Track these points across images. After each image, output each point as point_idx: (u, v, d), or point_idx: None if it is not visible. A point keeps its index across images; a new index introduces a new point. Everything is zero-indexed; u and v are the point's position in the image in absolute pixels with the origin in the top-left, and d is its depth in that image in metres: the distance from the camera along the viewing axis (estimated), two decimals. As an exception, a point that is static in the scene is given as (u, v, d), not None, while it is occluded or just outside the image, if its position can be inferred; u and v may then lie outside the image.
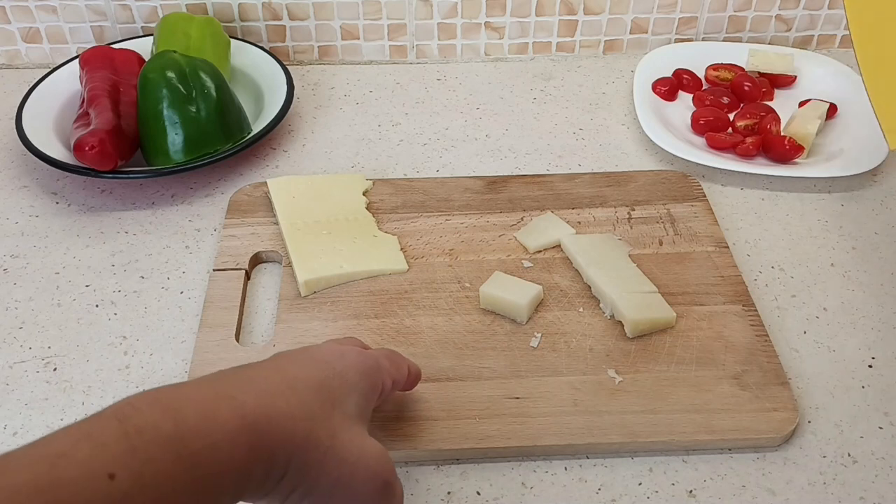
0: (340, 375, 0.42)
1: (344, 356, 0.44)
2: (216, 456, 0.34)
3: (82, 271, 0.67)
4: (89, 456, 0.30)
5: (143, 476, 0.31)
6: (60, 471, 0.29)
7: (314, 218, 0.68)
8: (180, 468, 0.32)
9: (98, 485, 0.29)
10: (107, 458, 0.30)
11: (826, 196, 0.74)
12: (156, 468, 0.31)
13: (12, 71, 0.92)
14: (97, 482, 0.29)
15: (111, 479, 0.30)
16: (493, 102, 0.87)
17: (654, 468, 0.53)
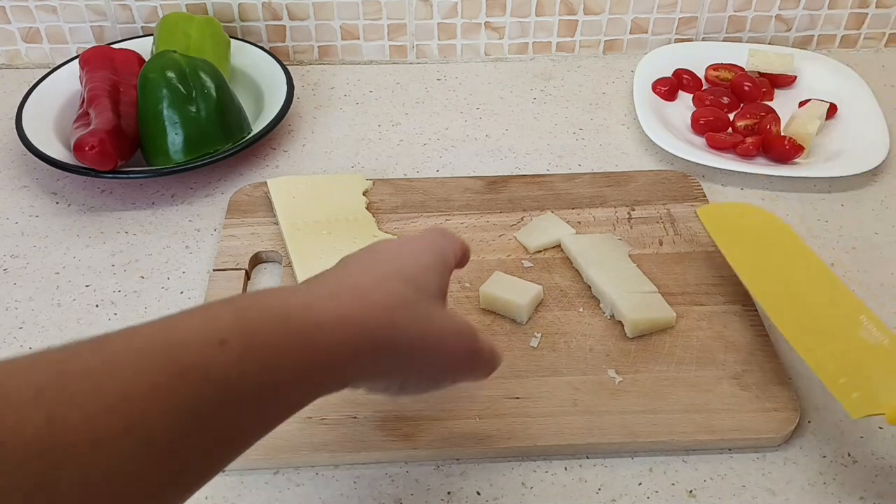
0: (413, 259, 0.44)
1: (410, 242, 0.46)
2: (320, 338, 0.36)
3: (82, 271, 0.67)
4: (202, 324, 0.33)
5: (253, 345, 0.33)
6: (178, 335, 0.32)
7: (314, 218, 0.68)
8: (289, 341, 0.35)
9: (211, 349, 0.32)
10: (218, 326, 0.33)
11: (826, 196, 0.74)
12: (264, 339, 0.34)
13: (12, 71, 0.92)
14: (211, 347, 0.32)
15: (223, 344, 0.32)
16: (493, 102, 0.87)
17: (654, 468, 0.53)
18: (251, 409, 0.33)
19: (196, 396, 0.31)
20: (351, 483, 0.52)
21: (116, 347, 0.31)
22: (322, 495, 0.52)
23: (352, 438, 0.53)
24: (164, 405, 0.30)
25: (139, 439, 0.29)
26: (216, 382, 0.32)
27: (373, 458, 0.53)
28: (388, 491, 0.52)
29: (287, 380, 0.35)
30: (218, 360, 0.32)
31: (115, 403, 0.29)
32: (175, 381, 0.30)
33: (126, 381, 0.29)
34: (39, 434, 0.27)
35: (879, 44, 0.95)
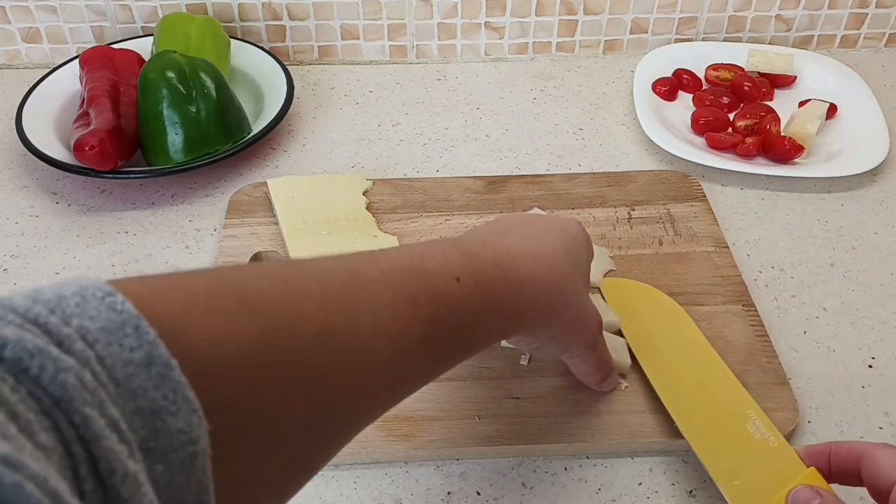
0: (576, 241, 0.49)
1: (570, 223, 0.51)
2: (522, 289, 0.42)
3: (82, 271, 0.67)
4: (443, 259, 0.39)
5: (479, 285, 0.39)
6: (427, 264, 0.38)
7: (314, 218, 0.68)
8: (501, 288, 0.41)
9: (451, 282, 0.38)
10: (454, 265, 0.39)
11: (826, 196, 0.74)
12: (486, 283, 0.40)
13: (12, 71, 0.92)
14: (450, 280, 0.38)
15: (458, 281, 0.38)
16: (493, 102, 0.87)
17: (655, 468, 0.53)
18: (466, 336, 0.40)
19: (439, 315, 0.37)
20: (351, 483, 0.52)
21: (386, 262, 0.37)
22: (322, 495, 0.52)
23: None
24: (421, 317, 0.36)
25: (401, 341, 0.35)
26: (452, 308, 0.38)
27: (373, 458, 0.53)
28: (388, 491, 0.52)
29: (495, 320, 0.41)
30: (454, 292, 0.38)
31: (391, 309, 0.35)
32: (427, 300, 0.36)
33: (397, 293, 0.35)
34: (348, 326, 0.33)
35: (879, 44, 0.95)
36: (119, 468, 0.23)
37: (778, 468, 0.48)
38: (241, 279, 0.32)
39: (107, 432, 0.23)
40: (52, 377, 0.23)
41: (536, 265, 0.44)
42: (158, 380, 0.25)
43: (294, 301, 0.32)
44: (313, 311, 0.32)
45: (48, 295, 0.26)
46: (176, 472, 0.25)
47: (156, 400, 0.25)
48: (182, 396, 0.26)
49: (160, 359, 0.26)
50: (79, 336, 0.25)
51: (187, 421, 0.26)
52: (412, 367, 0.37)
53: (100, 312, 0.26)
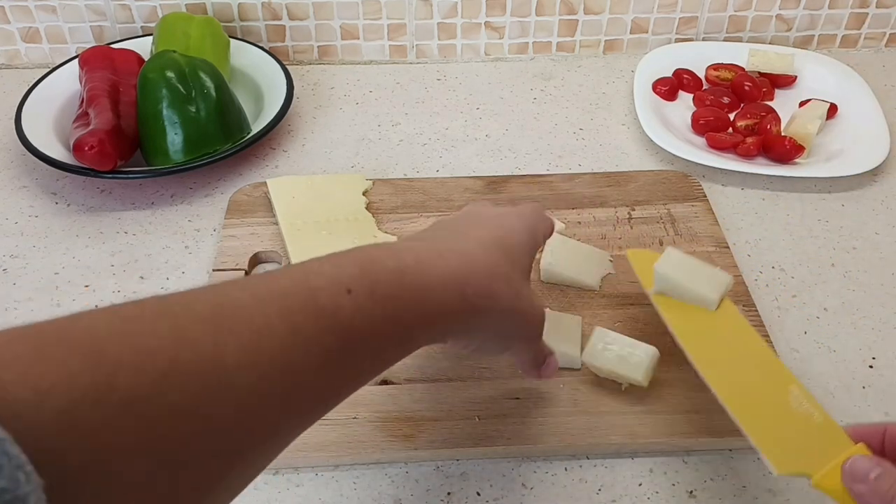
0: (511, 232, 0.47)
1: (505, 214, 0.49)
2: (430, 295, 0.40)
3: (82, 271, 0.67)
4: (332, 273, 0.37)
5: (375, 294, 0.37)
6: (312, 281, 0.36)
7: (314, 218, 0.68)
8: (404, 294, 0.38)
9: (341, 296, 0.36)
10: (345, 276, 0.37)
11: (826, 196, 0.74)
12: (384, 290, 0.37)
13: (12, 71, 0.92)
14: (340, 294, 0.36)
15: (349, 293, 0.36)
16: (493, 102, 0.87)
17: (655, 468, 0.53)
18: (366, 350, 0.37)
19: (326, 334, 0.35)
20: (351, 483, 0.52)
21: (261, 286, 0.35)
22: (322, 496, 0.52)
23: (352, 439, 0.53)
24: (302, 339, 0.34)
25: (279, 367, 0.33)
26: (342, 324, 0.35)
27: (373, 458, 0.53)
28: (388, 491, 0.52)
29: (398, 330, 0.38)
30: (345, 306, 0.36)
31: (263, 334, 0.32)
32: (311, 320, 0.34)
33: (271, 317, 0.33)
34: (206, 355, 0.30)
35: (880, 44, 0.95)
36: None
37: (822, 441, 0.47)
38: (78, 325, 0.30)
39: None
40: None
41: (450, 268, 0.41)
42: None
43: (136, 339, 0.30)
44: (160, 347, 0.30)
45: None
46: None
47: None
48: (3, 452, 0.24)
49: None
50: None
51: (11, 478, 0.24)
52: (298, 391, 0.34)
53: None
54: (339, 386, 0.37)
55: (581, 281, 0.63)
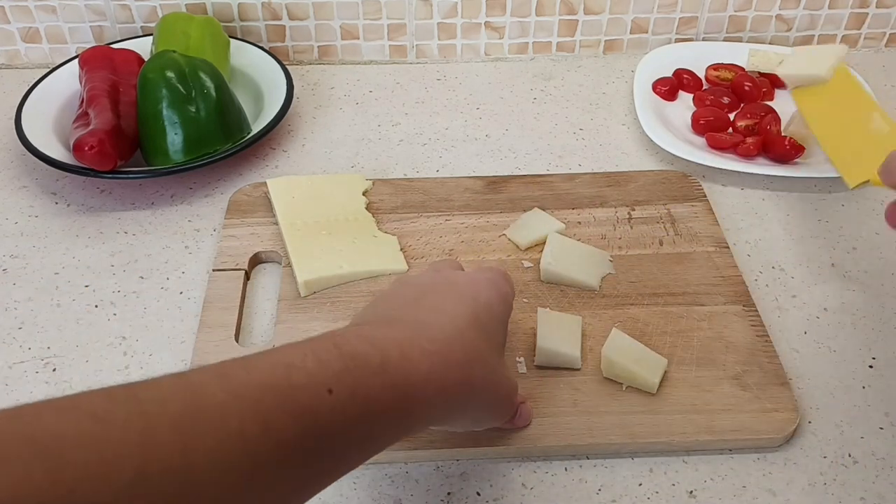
0: (488, 307, 0.47)
1: (479, 284, 0.48)
2: (412, 391, 0.39)
3: (81, 271, 0.67)
4: (314, 370, 0.35)
5: (356, 395, 0.36)
6: (293, 378, 0.35)
7: (314, 218, 0.68)
8: (385, 395, 0.38)
9: (321, 395, 0.35)
10: (328, 374, 0.36)
11: (827, 196, 0.74)
12: (366, 391, 0.37)
13: (12, 71, 0.92)
14: (320, 393, 0.35)
15: (330, 393, 0.35)
16: (493, 102, 0.87)
17: (655, 469, 0.53)
18: (346, 448, 0.37)
19: (304, 434, 0.34)
20: (351, 483, 0.52)
21: (240, 381, 0.34)
22: (322, 496, 0.51)
23: (351, 439, 0.53)
24: (275, 439, 0.33)
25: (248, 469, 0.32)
26: (319, 424, 0.35)
27: (372, 458, 0.53)
28: (387, 491, 0.52)
29: (378, 427, 0.38)
30: (326, 406, 0.35)
31: (235, 437, 0.31)
32: (288, 419, 0.33)
33: (246, 419, 0.32)
34: (175, 464, 0.29)
35: (880, 44, 0.95)
36: None
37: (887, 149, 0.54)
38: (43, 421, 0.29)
39: None
40: None
41: (432, 366, 0.41)
42: None
43: (103, 446, 0.28)
44: (129, 453, 0.28)
45: None
46: None
47: None
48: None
49: None
50: None
51: None
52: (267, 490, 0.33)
53: None
54: (307, 483, 0.36)
55: (581, 281, 0.63)
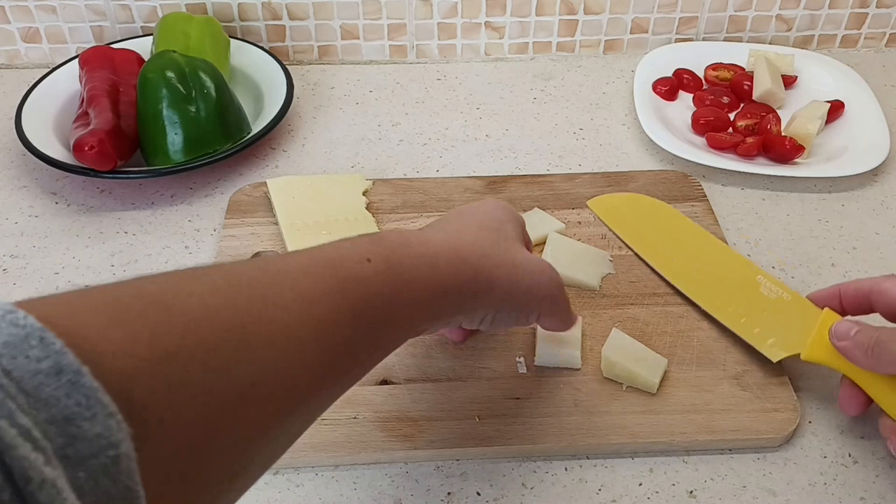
0: (492, 216, 0.50)
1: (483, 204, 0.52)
2: (434, 261, 0.43)
3: (82, 271, 0.67)
4: (351, 245, 0.41)
5: (389, 260, 0.40)
6: (335, 253, 0.39)
7: (314, 218, 0.68)
8: (412, 262, 0.42)
9: (361, 264, 0.39)
10: (362, 248, 0.40)
11: (827, 196, 0.74)
12: (396, 259, 0.41)
13: (12, 71, 0.92)
14: (361, 262, 0.39)
15: (368, 261, 0.40)
16: (493, 102, 0.87)
17: (655, 469, 0.53)
18: (387, 314, 0.40)
19: (356, 299, 0.38)
20: (351, 483, 0.52)
21: (293, 258, 0.38)
22: (322, 496, 0.52)
23: (352, 439, 0.53)
24: (333, 302, 0.37)
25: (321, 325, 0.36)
26: (367, 289, 0.39)
27: (373, 458, 0.53)
28: (388, 491, 0.52)
29: (414, 295, 0.41)
30: (367, 273, 0.39)
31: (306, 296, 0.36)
32: (340, 286, 0.37)
33: (308, 281, 0.36)
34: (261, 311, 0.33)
35: (880, 44, 0.95)
36: (35, 476, 0.23)
37: (797, 318, 0.56)
38: (149, 285, 0.32)
39: (19, 441, 0.23)
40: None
41: (453, 240, 0.46)
42: (70, 387, 0.25)
43: (203, 297, 0.32)
44: (221, 304, 0.32)
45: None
46: (99, 477, 0.25)
47: (69, 407, 0.25)
48: (96, 401, 0.26)
49: (69, 367, 0.26)
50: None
51: (104, 425, 0.26)
52: (333, 355, 0.37)
53: (1, 329, 0.26)
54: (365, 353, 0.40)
55: (581, 281, 0.63)
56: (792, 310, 0.57)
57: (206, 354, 0.31)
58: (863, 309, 0.54)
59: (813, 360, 0.53)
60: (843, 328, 0.52)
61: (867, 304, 0.54)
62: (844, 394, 0.53)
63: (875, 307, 0.54)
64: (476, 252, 0.46)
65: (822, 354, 0.53)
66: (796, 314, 0.56)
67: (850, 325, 0.52)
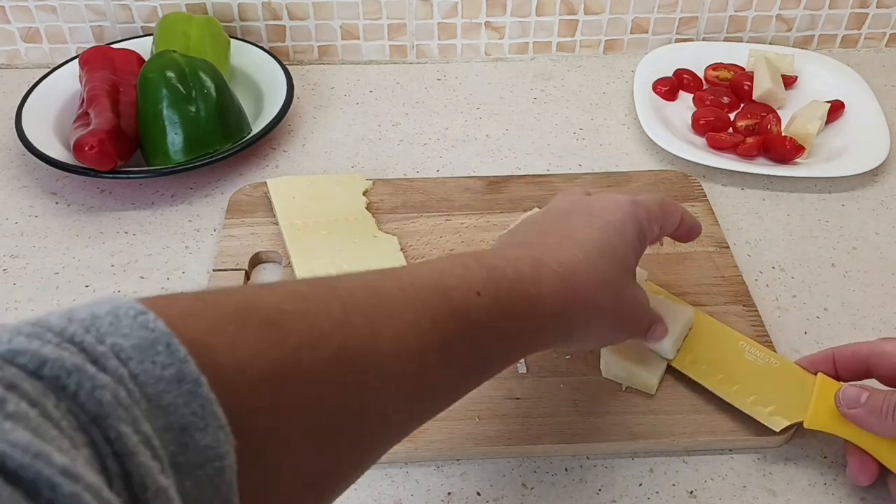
0: (620, 232, 0.47)
1: (618, 208, 0.48)
2: (541, 305, 0.42)
3: (82, 271, 0.67)
4: (463, 275, 0.39)
5: (498, 299, 0.40)
6: (448, 281, 0.38)
7: (314, 218, 0.68)
8: (520, 304, 0.41)
9: (471, 297, 0.38)
10: (475, 279, 0.39)
11: (827, 196, 0.74)
12: (505, 298, 0.40)
13: (12, 71, 0.92)
14: (471, 295, 0.38)
15: (478, 295, 0.39)
16: (493, 102, 0.87)
17: (655, 469, 0.53)
18: (489, 349, 0.40)
19: (461, 330, 0.38)
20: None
21: (408, 281, 0.38)
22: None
23: (351, 439, 0.53)
24: (438, 332, 0.36)
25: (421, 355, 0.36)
26: (473, 323, 0.38)
27: (373, 458, 0.53)
28: (388, 491, 0.52)
29: (515, 333, 0.41)
30: (474, 307, 0.38)
31: (411, 327, 0.35)
32: (446, 315, 0.37)
33: (418, 311, 0.36)
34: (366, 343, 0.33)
35: (880, 44, 0.95)
36: (151, 484, 0.24)
37: (792, 385, 0.53)
38: (266, 299, 0.33)
39: (140, 448, 0.24)
40: (88, 394, 0.24)
41: (562, 282, 0.43)
42: (188, 396, 0.26)
43: (315, 320, 0.32)
44: (333, 329, 0.33)
45: (82, 314, 0.27)
46: (204, 486, 0.26)
47: (185, 416, 0.26)
48: (210, 413, 0.26)
49: (190, 375, 0.26)
50: (113, 354, 0.25)
51: (215, 437, 0.26)
52: (433, 383, 0.37)
53: (132, 330, 0.26)
54: (462, 382, 0.40)
55: None
56: (783, 376, 0.54)
57: (313, 379, 0.31)
58: (859, 374, 0.52)
59: (816, 427, 0.51)
60: (851, 394, 0.49)
61: (864, 368, 0.52)
62: (853, 464, 0.50)
63: (873, 371, 0.51)
64: (585, 294, 0.44)
65: (826, 422, 0.50)
66: (789, 381, 0.53)
67: (858, 390, 0.49)
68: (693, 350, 0.56)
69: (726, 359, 0.55)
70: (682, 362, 0.56)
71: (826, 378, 0.52)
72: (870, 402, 0.48)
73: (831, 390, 0.51)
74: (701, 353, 0.56)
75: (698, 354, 0.56)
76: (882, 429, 0.48)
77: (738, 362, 0.55)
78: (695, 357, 0.56)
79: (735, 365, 0.55)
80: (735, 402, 0.53)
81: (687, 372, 0.55)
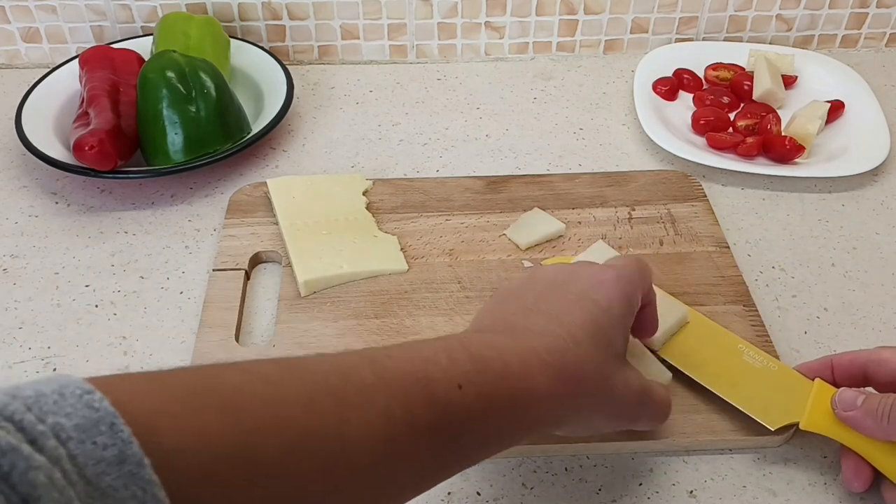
0: (607, 312, 0.45)
1: (603, 285, 0.46)
2: (529, 398, 0.41)
3: (82, 271, 0.67)
4: (447, 366, 0.38)
5: (481, 394, 0.38)
6: (430, 371, 0.37)
7: (314, 218, 0.68)
8: (504, 398, 0.40)
9: (453, 391, 0.37)
10: (458, 371, 0.38)
11: (827, 196, 0.74)
12: (489, 392, 0.39)
13: (12, 71, 0.92)
14: (453, 388, 0.37)
15: (459, 388, 0.38)
16: (493, 102, 0.87)
17: (655, 468, 0.53)
18: (470, 442, 0.39)
19: (437, 422, 0.37)
20: (351, 483, 0.52)
21: (385, 367, 0.37)
22: (322, 496, 0.52)
23: (351, 439, 0.53)
24: (413, 423, 0.36)
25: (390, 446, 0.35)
26: (451, 416, 0.37)
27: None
28: (387, 491, 0.52)
29: (497, 427, 0.40)
30: (455, 400, 0.38)
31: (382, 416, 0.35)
32: (424, 407, 0.36)
33: (391, 399, 0.35)
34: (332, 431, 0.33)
35: (880, 44, 0.95)
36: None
37: (788, 387, 0.53)
38: (228, 381, 0.32)
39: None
40: (22, 475, 0.23)
41: (548, 377, 0.41)
42: (129, 478, 0.26)
43: (277, 405, 0.32)
44: (297, 415, 0.32)
45: (28, 392, 0.26)
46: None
47: (125, 499, 0.25)
48: (152, 496, 0.26)
49: (133, 457, 0.26)
50: (52, 433, 0.25)
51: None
52: (404, 473, 0.37)
53: (76, 409, 0.26)
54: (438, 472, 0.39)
55: None
56: (781, 379, 0.54)
57: (270, 464, 0.30)
58: (856, 381, 0.52)
59: (812, 429, 0.51)
60: (848, 397, 0.49)
61: (862, 375, 0.52)
62: (848, 469, 0.50)
63: (871, 379, 0.51)
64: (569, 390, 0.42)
65: (821, 424, 0.51)
66: (787, 384, 0.54)
67: (855, 393, 0.49)
68: (692, 350, 0.56)
69: (725, 359, 0.56)
70: (683, 363, 0.56)
71: (823, 383, 0.52)
72: (866, 404, 0.48)
73: (828, 394, 0.51)
74: (700, 352, 0.56)
75: (697, 354, 0.56)
76: (878, 432, 0.48)
77: (736, 363, 0.55)
78: (693, 356, 0.56)
79: (734, 365, 0.55)
80: (731, 398, 0.53)
81: (685, 369, 0.55)
